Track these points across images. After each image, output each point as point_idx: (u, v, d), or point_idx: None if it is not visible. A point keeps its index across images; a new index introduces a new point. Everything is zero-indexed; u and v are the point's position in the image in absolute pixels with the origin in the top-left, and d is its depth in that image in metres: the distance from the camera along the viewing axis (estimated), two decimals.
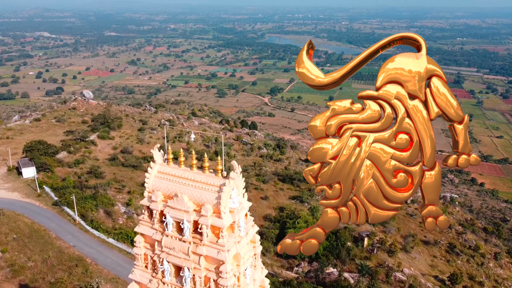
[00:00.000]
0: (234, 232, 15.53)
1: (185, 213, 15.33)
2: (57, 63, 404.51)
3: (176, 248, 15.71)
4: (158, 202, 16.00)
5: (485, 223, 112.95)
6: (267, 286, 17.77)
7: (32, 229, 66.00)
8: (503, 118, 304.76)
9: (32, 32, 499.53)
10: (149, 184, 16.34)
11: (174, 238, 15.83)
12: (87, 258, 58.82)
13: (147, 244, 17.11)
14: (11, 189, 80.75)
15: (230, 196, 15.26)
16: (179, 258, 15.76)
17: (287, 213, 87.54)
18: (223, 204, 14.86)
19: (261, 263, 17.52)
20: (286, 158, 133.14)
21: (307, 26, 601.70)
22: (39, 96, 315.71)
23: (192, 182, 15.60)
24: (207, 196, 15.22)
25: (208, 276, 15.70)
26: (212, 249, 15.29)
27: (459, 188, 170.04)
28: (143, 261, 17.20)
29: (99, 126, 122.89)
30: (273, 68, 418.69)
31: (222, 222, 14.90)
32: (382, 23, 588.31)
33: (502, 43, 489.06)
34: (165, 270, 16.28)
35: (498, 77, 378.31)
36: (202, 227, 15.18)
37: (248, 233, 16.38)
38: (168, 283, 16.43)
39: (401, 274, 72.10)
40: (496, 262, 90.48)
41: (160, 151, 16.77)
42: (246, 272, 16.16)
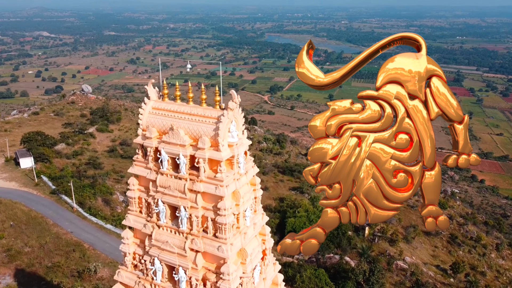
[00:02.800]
0: (233, 169, 14.74)
1: (181, 148, 14.54)
2: (56, 62, 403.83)
3: (172, 186, 14.92)
4: (152, 139, 15.20)
5: (486, 218, 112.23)
6: (268, 234, 17.01)
7: (29, 216, 65.19)
8: (503, 116, 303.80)
9: (31, 31, 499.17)
10: (143, 121, 15.55)
11: (170, 176, 15.04)
12: (84, 244, 58.03)
13: (141, 186, 16.31)
14: (9, 179, 79.98)
15: (228, 130, 14.49)
16: (174, 197, 14.97)
17: (287, 203, 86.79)
18: (221, 136, 14.06)
19: (261, 209, 16.75)
20: (286, 152, 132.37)
21: (307, 26, 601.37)
22: (38, 94, 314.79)
23: (188, 116, 14.83)
24: (204, 129, 14.42)
25: (206, 215, 14.91)
26: (209, 185, 14.49)
27: (459, 184, 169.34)
28: (137, 205, 16.41)
29: (98, 120, 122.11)
30: (273, 66, 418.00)
31: (220, 154, 14.11)
32: (382, 22, 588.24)
33: (502, 41, 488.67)
34: (160, 212, 15.49)
35: (497, 76, 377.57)
36: (199, 161, 14.37)
37: (247, 172, 15.60)
38: (163, 225, 15.65)
39: (402, 262, 71.36)
40: (498, 253, 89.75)
41: (155, 88, 16.01)
42: (246, 213, 15.39)
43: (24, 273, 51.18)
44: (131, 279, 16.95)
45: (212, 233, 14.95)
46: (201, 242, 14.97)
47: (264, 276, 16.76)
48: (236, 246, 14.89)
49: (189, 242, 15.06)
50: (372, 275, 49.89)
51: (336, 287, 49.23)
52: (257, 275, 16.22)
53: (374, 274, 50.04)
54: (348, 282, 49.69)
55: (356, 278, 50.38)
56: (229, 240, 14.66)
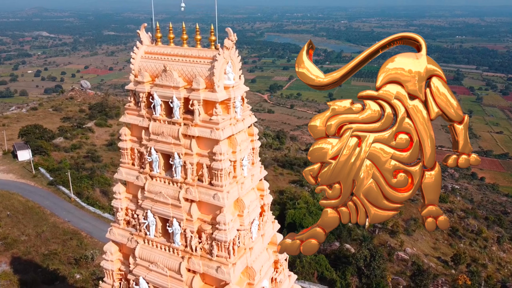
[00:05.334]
0: (230, 113, 14.05)
1: (175, 90, 13.86)
2: (55, 62, 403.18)
3: (165, 132, 14.23)
4: (145, 84, 14.52)
5: (487, 214, 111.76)
6: (266, 190, 16.34)
7: (26, 206, 64.55)
8: (503, 114, 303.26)
9: (30, 31, 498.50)
10: (135, 65, 14.86)
11: (163, 122, 14.36)
12: (82, 232, 57.35)
13: (133, 137, 15.63)
14: (6, 171, 79.35)
15: (224, 71, 13.81)
16: (168, 144, 14.28)
17: (287, 196, 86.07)
18: (217, 76, 13.37)
19: (260, 163, 16.09)
20: (285, 148, 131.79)
21: (306, 25, 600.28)
22: (38, 94, 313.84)
23: (182, 58, 14.14)
24: (199, 69, 13.73)
25: (201, 162, 14.22)
26: (204, 128, 13.80)
27: (459, 182, 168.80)
28: (129, 157, 15.75)
29: (97, 114, 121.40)
30: (272, 66, 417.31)
31: (216, 95, 13.42)
32: (381, 22, 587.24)
33: (501, 41, 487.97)
34: (153, 161, 14.82)
35: (497, 74, 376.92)
36: (194, 103, 13.68)
37: (245, 120, 14.93)
38: (156, 176, 14.97)
39: (403, 253, 70.70)
40: (499, 246, 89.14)
41: (148, 33, 15.35)
42: (243, 162, 14.72)
43: (20, 260, 50.51)
44: (123, 236, 16.31)
45: (207, 181, 14.28)
46: (196, 191, 14.30)
47: (262, 233, 16.11)
48: (232, 194, 14.21)
49: (184, 192, 14.39)
50: (373, 260, 49.19)
51: (337, 272, 48.55)
52: (255, 231, 15.57)
53: (375, 259, 49.35)
54: (349, 267, 49.02)
55: (357, 263, 49.66)
56: (226, 188, 13.99)
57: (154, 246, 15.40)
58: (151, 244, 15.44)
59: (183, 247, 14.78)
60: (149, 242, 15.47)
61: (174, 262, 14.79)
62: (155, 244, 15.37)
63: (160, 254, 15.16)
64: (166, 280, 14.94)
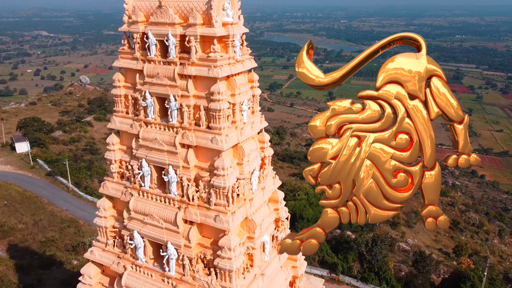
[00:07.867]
0: (228, 52, 13.35)
1: (170, 27, 13.15)
2: (55, 61, 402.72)
3: (160, 73, 13.52)
4: (139, 23, 13.81)
5: (487, 210, 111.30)
6: (267, 142, 15.64)
7: (23, 196, 63.86)
8: (503, 113, 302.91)
9: (30, 31, 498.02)
10: (129, 5, 14.16)
11: (158, 63, 13.65)
12: (79, 220, 56.65)
13: (127, 83, 14.92)
14: (4, 162, 78.68)
15: (223, 7, 13.10)
16: (163, 86, 13.57)
17: (288, 188, 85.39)
18: (215, 9, 12.65)
19: (260, 112, 15.38)
20: (285, 143, 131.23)
21: (306, 25, 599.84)
22: (37, 92, 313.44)
23: None
24: (196, 4, 12.99)
25: (198, 105, 13.50)
26: (202, 67, 13.09)
27: (459, 179, 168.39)
28: (123, 105, 15.03)
29: (96, 109, 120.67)
30: (272, 65, 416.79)
31: (214, 30, 12.70)
32: (381, 21, 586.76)
33: (501, 40, 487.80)
34: (147, 106, 14.10)
35: (497, 73, 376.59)
36: (190, 39, 12.97)
37: (244, 62, 14.23)
38: (151, 122, 14.26)
39: (404, 244, 70.04)
40: (500, 239, 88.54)
41: None
42: (242, 107, 14.00)
43: (17, 247, 49.81)
44: (117, 190, 15.59)
45: (205, 125, 13.56)
46: (193, 135, 13.58)
47: (263, 186, 15.40)
48: (231, 139, 13.49)
49: (180, 137, 13.68)
50: (375, 245, 48.45)
51: (338, 257, 47.83)
52: (255, 182, 14.85)
53: (377, 244, 48.61)
54: (351, 252, 48.29)
55: (359, 248, 48.91)
56: (224, 131, 13.27)
57: (149, 198, 14.70)
58: (146, 196, 14.74)
59: (180, 197, 14.07)
60: (144, 194, 14.76)
61: (170, 213, 14.09)
62: (150, 195, 14.66)
63: (156, 206, 14.46)
64: (161, 232, 14.23)
